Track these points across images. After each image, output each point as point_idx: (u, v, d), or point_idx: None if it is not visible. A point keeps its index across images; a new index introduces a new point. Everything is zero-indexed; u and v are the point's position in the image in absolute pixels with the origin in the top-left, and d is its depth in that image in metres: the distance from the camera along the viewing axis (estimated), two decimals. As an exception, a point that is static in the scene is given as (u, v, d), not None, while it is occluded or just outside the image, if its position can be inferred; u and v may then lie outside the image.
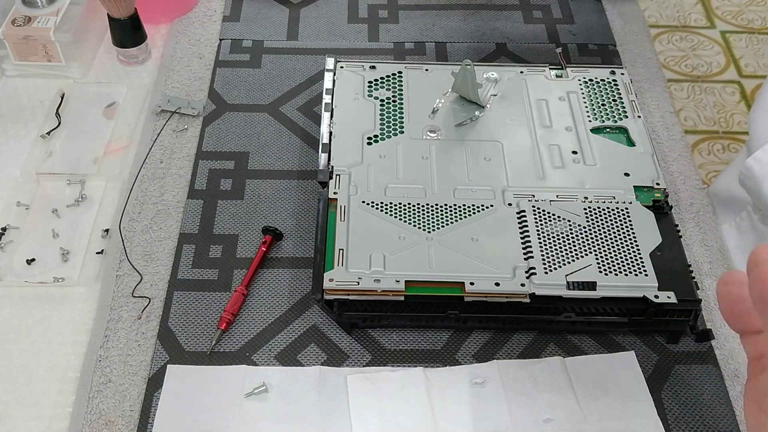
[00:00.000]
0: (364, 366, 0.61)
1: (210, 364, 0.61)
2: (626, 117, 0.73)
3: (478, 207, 0.64)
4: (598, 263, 0.60)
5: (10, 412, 0.59)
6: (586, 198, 0.65)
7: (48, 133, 0.77)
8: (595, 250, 0.61)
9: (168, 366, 0.60)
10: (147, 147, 0.76)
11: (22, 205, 0.72)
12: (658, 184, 0.67)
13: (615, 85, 0.76)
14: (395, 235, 0.62)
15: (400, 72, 0.77)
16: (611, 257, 0.61)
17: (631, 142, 0.71)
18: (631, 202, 0.65)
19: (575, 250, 0.61)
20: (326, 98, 0.73)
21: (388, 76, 0.76)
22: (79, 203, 0.72)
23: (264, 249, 0.67)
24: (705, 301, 0.65)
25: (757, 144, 0.69)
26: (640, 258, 0.61)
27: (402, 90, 0.75)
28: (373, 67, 0.77)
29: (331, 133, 0.70)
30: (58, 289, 0.66)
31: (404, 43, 0.88)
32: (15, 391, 0.60)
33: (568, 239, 0.62)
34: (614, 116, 0.73)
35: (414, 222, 0.63)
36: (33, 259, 0.67)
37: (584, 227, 0.63)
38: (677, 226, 0.64)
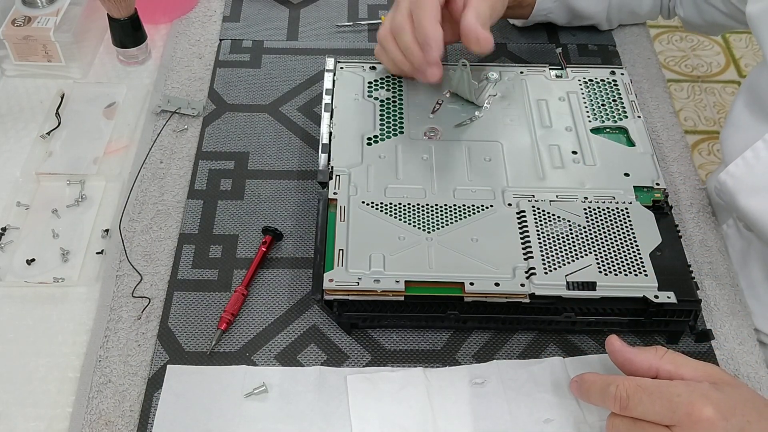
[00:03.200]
0: (364, 366, 0.61)
1: (210, 365, 0.61)
2: (626, 117, 0.73)
3: (478, 207, 0.64)
4: (598, 263, 0.60)
5: (10, 412, 0.59)
6: (586, 198, 0.65)
7: (48, 133, 0.77)
8: (595, 251, 0.61)
9: (168, 366, 0.60)
10: (147, 147, 0.77)
11: (22, 205, 0.72)
12: (658, 184, 0.67)
13: (615, 85, 0.76)
14: (395, 235, 0.62)
15: (400, 72, 0.77)
16: (611, 257, 0.61)
17: (631, 142, 0.71)
18: (631, 202, 0.65)
19: (575, 250, 0.61)
20: (326, 98, 0.73)
21: (387, 77, 0.76)
22: (79, 203, 0.72)
23: (264, 249, 0.67)
24: (705, 302, 0.65)
25: (729, 159, 0.70)
26: (640, 258, 0.61)
27: (401, 90, 0.75)
28: (373, 67, 0.77)
29: (331, 134, 0.70)
30: (58, 289, 0.66)
31: (404, 43, 0.88)
32: (15, 391, 0.60)
33: (568, 239, 0.62)
34: (614, 116, 0.73)
35: (414, 222, 0.63)
36: (33, 259, 0.67)
37: (584, 227, 0.63)
38: (677, 226, 0.64)
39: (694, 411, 0.49)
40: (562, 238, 0.62)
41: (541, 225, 0.63)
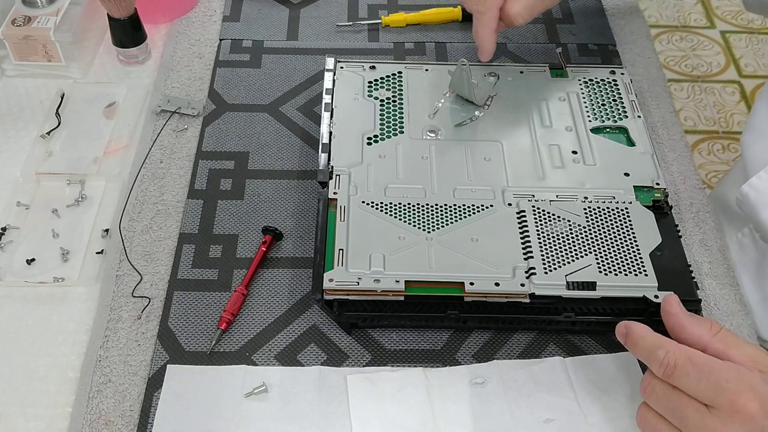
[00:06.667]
0: (364, 366, 0.61)
1: (210, 364, 0.61)
2: (626, 117, 0.73)
3: (478, 207, 0.64)
4: (598, 263, 0.60)
5: (10, 412, 0.59)
6: (586, 198, 0.65)
7: (48, 133, 0.77)
8: (595, 250, 0.61)
9: (168, 366, 0.60)
10: (147, 147, 0.77)
11: (22, 205, 0.72)
12: (658, 184, 0.67)
13: (615, 85, 0.76)
14: (395, 235, 0.62)
15: (400, 72, 0.77)
16: (611, 257, 0.61)
17: (631, 142, 0.71)
18: (631, 202, 0.65)
19: (575, 250, 0.61)
20: (326, 98, 0.73)
21: (388, 76, 0.76)
22: (79, 203, 0.72)
23: (264, 249, 0.67)
24: (705, 302, 0.65)
25: (751, 168, 0.69)
26: (640, 258, 0.61)
27: (402, 90, 0.75)
28: (373, 67, 0.77)
29: (331, 133, 0.70)
30: (58, 289, 0.66)
31: (404, 43, 0.88)
32: (15, 391, 0.60)
33: (568, 239, 0.62)
34: (614, 116, 0.73)
35: (414, 222, 0.63)
36: (33, 259, 0.67)
37: (584, 227, 0.63)
38: (677, 226, 0.64)
39: (739, 401, 0.49)
40: (562, 238, 0.62)
41: (541, 225, 0.63)
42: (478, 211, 0.64)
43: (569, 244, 0.62)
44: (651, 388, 0.53)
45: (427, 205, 0.64)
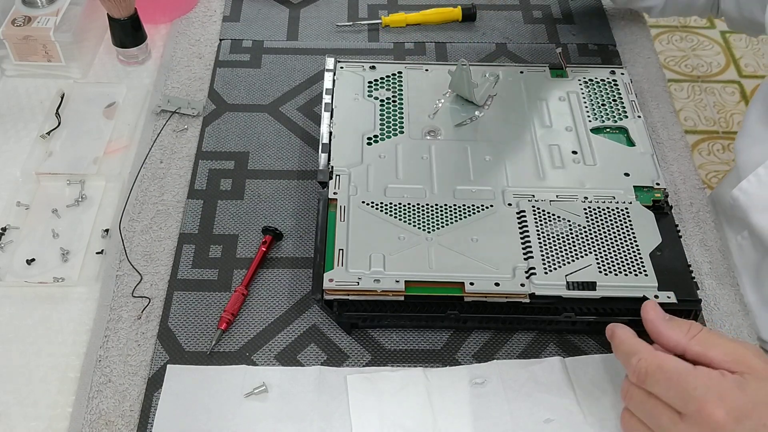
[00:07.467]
0: (364, 366, 0.61)
1: (210, 364, 0.61)
2: (626, 117, 0.73)
3: (478, 207, 0.64)
4: (598, 263, 0.60)
5: (10, 412, 0.59)
6: (586, 198, 0.65)
7: (48, 133, 0.77)
8: (595, 250, 0.61)
9: (168, 366, 0.60)
10: (147, 147, 0.77)
11: (22, 205, 0.72)
12: (658, 184, 0.67)
13: (615, 85, 0.76)
14: (395, 235, 0.62)
15: (400, 72, 0.77)
16: (611, 257, 0.61)
17: (631, 142, 0.71)
18: (631, 202, 0.65)
19: (575, 250, 0.61)
20: (326, 98, 0.73)
21: (388, 76, 0.76)
22: (79, 203, 0.72)
23: (264, 249, 0.67)
24: (705, 302, 0.65)
25: (743, 172, 0.70)
26: (640, 258, 0.61)
27: (402, 90, 0.75)
28: (373, 67, 0.77)
29: (331, 133, 0.70)
30: (58, 289, 0.66)
31: (404, 43, 0.88)
32: (15, 391, 0.60)
33: (568, 239, 0.62)
34: (614, 116, 0.73)
35: (414, 222, 0.63)
36: (33, 259, 0.67)
37: (584, 227, 0.63)
38: (677, 226, 0.64)
39: (706, 408, 0.49)
40: (562, 238, 0.62)
41: (541, 225, 0.63)
42: (478, 211, 0.64)
43: (569, 244, 0.62)
44: (630, 394, 0.53)
45: (427, 205, 0.64)
